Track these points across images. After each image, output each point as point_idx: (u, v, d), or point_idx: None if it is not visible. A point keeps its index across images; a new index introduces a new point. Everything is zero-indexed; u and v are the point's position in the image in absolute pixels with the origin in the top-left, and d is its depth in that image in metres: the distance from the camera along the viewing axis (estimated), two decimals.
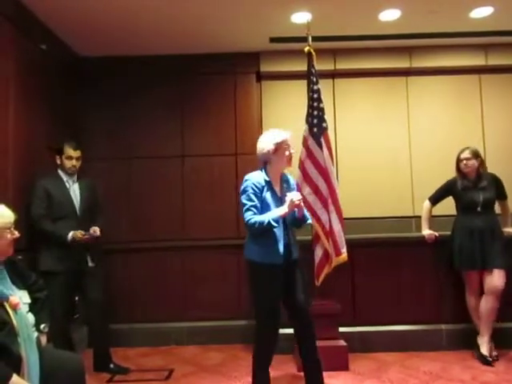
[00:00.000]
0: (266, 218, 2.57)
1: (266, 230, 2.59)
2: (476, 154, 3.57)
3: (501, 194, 3.61)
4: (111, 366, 3.36)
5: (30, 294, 2.17)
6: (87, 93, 4.37)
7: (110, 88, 4.39)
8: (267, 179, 2.70)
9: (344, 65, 4.46)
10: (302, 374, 2.85)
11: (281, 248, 2.63)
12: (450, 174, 4.15)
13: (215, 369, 3.43)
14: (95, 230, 3.26)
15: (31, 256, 3.17)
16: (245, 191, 2.66)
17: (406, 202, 4.33)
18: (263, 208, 2.64)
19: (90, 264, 3.34)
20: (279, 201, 2.69)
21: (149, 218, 4.30)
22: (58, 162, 3.39)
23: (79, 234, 3.18)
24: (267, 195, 2.67)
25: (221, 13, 3.69)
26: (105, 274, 3.57)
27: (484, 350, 3.37)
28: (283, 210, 2.59)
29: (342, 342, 3.33)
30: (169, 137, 4.40)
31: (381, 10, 3.76)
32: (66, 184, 3.37)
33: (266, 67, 4.46)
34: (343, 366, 3.24)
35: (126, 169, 4.36)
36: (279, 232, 2.65)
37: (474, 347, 3.44)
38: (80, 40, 4.05)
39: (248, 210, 2.60)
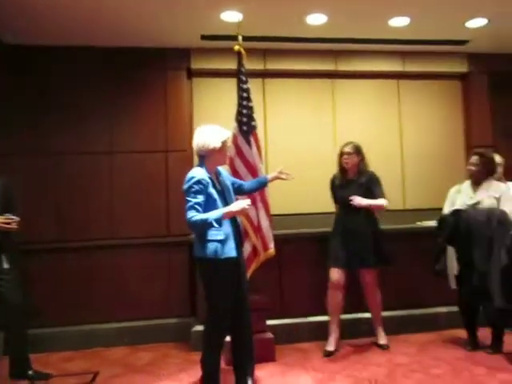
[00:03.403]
0: (208, 216, 2.56)
1: (206, 229, 2.60)
2: (358, 150, 3.54)
3: (376, 195, 3.51)
4: (30, 372, 3.17)
5: None
6: (11, 83, 4.10)
7: (35, 80, 4.15)
8: (209, 175, 2.71)
9: (274, 65, 4.56)
10: (230, 367, 2.91)
11: (232, 243, 2.67)
12: None
13: (144, 369, 3.39)
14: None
15: None
16: (190, 189, 2.61)
17: (328, 198, 4.52)
18: (211, 204, 2.64)
19: (5, 266, 3.13)
20: (222, 195, 2.74)
21: (76, 217, 4.13)
22: None
23: None
24: (212, 191, 2.68)
25: (152, 7, 3.62)
26: (24, 275, 3.38)
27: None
28: (227, 211, 2.60)
29: (269, 335, 3.42)
30: (97, 132, 4.25)
31: (308, 14, 3.90)
32: None
33: (197, 64, 4.45)
34: (270, 358, 3.34)
35: (51, 165, 4.14)
36: (228, 227, 2.66)
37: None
38: (5, 27, 3.78)
39: (191, 207, 2.58)
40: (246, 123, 3.50)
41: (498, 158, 3.88)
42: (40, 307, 3.78)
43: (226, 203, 2.73)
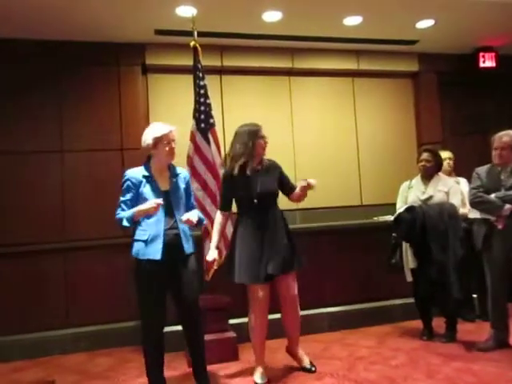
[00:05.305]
0: (123, 215, 2.57)
1: (124, 227, 2.59)
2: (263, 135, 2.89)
3: (289, 181, 2.97)
4: None
5: None
6: None
7: None
8: (146, 174, 2.66)
9: (231, 62, 4.54)
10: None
11: (159, 245, 2.57)
12: (329, 168, 4.47)
13: (102, 375, 3.27)
14: None
15: None
16: (121, 186, 2.67)
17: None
18: (141, 203, 2.58)
19: None
20: (162, 195, 2.64)
21: (24, 220, 3.93)
22: None
23: None
24: (145, 190, 2.63)
25: None
26: None
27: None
28: (138, 210, 2.54)
29: (232, 334, 3.39)
30: (46, 131, 4.08)
31: (263, 11, 3.90)
32: None
33: (151, 60, 4.35)
34: (233, 357, 3.31)
35: None
36: (157, 229, 2.59)
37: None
38: None
39: (118, 205, 2.64)
40: (203, 120, 3.46)
41: (448, 154, 4.05)
42: None
43: (169, 206, 2.63)
